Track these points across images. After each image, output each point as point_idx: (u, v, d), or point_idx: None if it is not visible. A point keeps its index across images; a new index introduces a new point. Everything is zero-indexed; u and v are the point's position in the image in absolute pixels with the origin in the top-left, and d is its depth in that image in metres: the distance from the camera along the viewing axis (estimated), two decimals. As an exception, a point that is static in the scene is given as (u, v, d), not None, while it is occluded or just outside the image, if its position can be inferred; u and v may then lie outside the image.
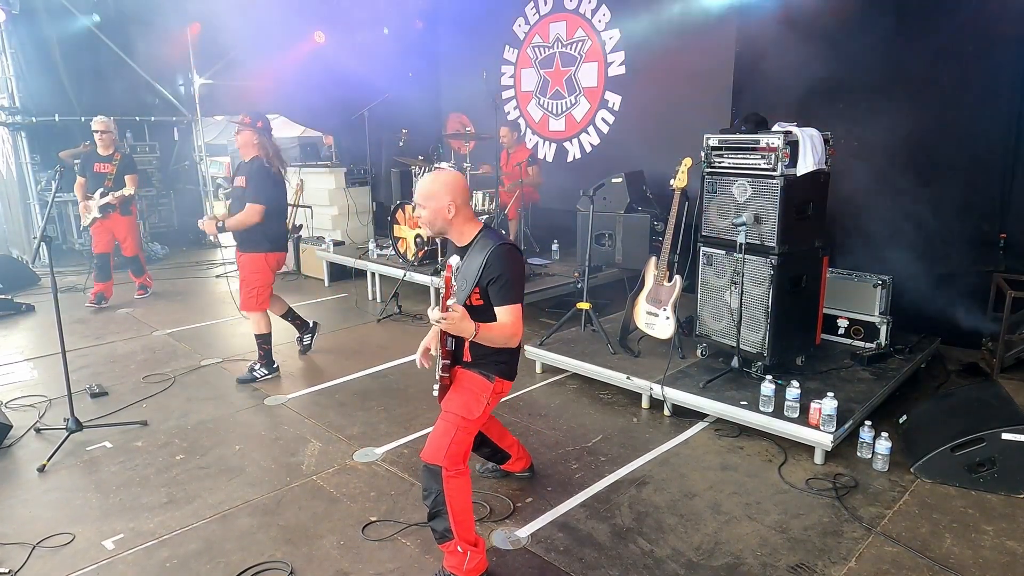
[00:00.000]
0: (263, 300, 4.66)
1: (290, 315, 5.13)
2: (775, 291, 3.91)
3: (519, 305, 2.59)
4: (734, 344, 4.05)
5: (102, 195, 6.31)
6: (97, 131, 6.35)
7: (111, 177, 6.34)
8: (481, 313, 2.58)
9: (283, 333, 5.70)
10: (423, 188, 2.65)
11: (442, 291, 2.38)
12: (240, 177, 4.50)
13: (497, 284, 2.54)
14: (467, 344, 2.64)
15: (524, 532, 2.94)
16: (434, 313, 2.37)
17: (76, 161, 8.35)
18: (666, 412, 4.12)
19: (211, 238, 4.27)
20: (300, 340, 5.35)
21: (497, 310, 2.57)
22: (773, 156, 3.82)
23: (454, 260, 2.42)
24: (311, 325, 5.29)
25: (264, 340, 4.74)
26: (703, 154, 4.20)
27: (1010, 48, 4.66)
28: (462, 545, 2.54)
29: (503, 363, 2.72)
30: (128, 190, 6.29)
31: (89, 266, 8.04)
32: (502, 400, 3.81)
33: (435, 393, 2.69)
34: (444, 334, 2.58)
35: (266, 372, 4.77)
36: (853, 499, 3.19)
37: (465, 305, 2.56)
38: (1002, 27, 4.65)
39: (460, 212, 2.63)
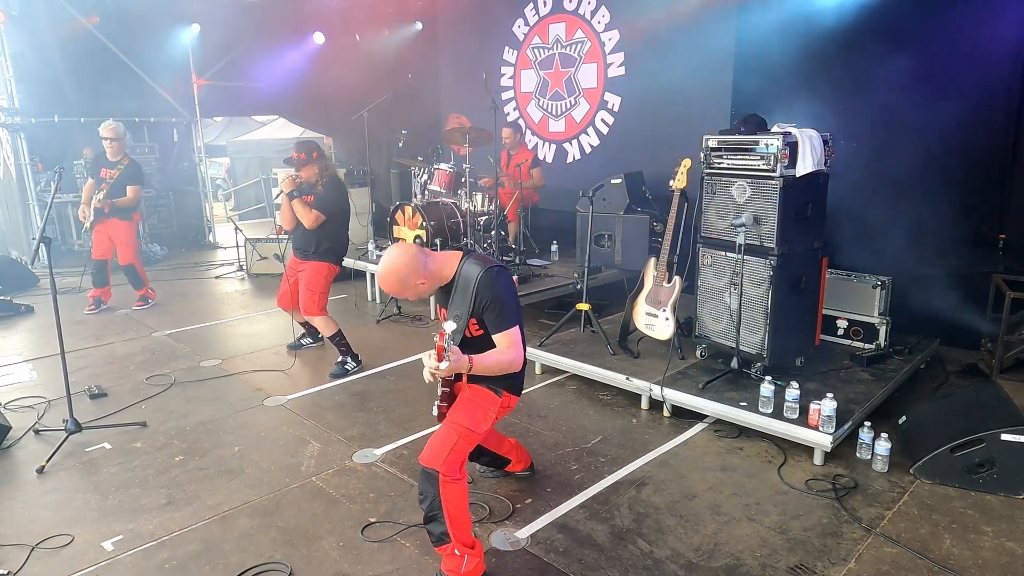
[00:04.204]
0: (323, 305, 4.86)
1: (308, 324, 5.28)
2: (774, 292, 3.91)
3: (516, 328, 2.59)
4: (733, 345, 4.05)
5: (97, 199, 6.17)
6: (105, 138, 6.20)
7: (109, 182, 6.20)
8: (483, 342, 2.60)
9: (282, 335, 5.69)
10: (387, 287, 2.59)
11: (435, 343, 2.30)
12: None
13: (490, 311, 2.55)
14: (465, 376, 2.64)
15: (524, 533, 2.94)
16: (429, 362, 2.35)
17: (78, 162, 8.40)
18: (666, 413, 4.12)
19: (280, 188, 4.58)
20: (300, 338, 5.42)
21: (495, 337, 2.58)
22: (772, 157, 3.82)
23: (448, 326, 2.30)
24: (323, 342, 5.40)
25: (339, 338, 4.87)
26: (702, 155, 4.20)
27: (1008, 49, 4.66)
28: (459, 548, 2.54)
29: (511, 378, 2.74)
30: (124, 199, 6.14)
31: (85, 270, 8.04)
32: (501, 402, 3.76)
33: (435, 413, 2.70)
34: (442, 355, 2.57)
35: (354, 364, 4.90)
36: (853, 500, 3.19)
37: (465, 337, 2.58)
38: (1000, 28, 4.65)
39: (429, 275, 2.58)
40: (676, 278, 4.36)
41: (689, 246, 4.41)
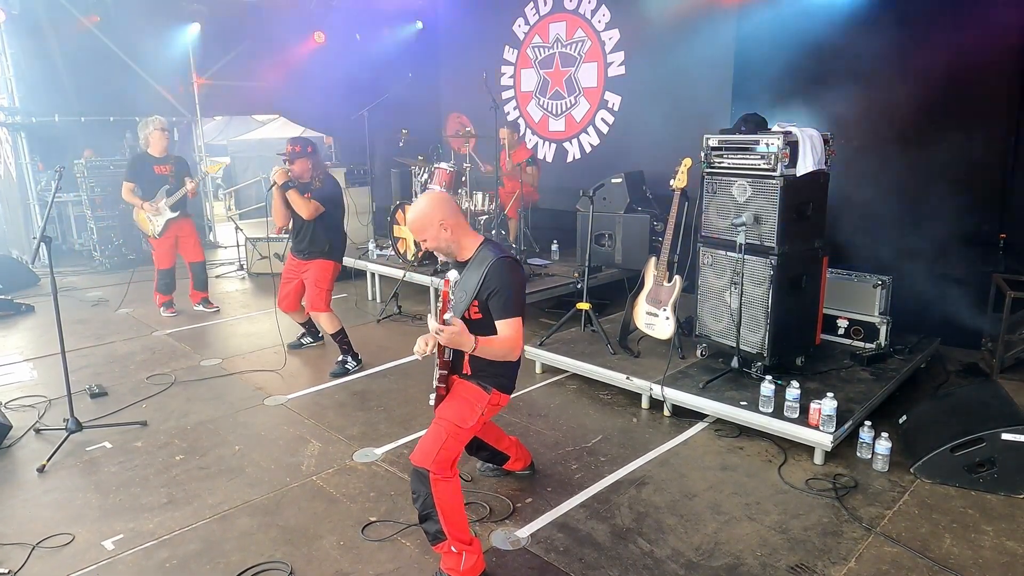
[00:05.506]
0: (328, 301, 4.89)
1: (309, 323, 5.32)
2: (775, 291, 3.91)
3: (519, 319, 2.61)
4: (734, 344, 4.05)
5: (169, 193, 5.95)
6: (162, 129, 5.95)
7: (172, 176, 6.02)
8: (480, 327, 2.59)
9: (283, 334, 5.69)
10: (412, 224, 2.67)
11: (439, 303, 2.39)
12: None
13: (496, 298, 2.56)
14: (467, 357, 2.65)
15: (524, 532, 2.94)
16: (432, 324, 2.40)
17: (78, 161, 8.38)
18: (666, 412, 4.12)
19: (272, 179, 4.62)
20: (301, 337, 5.44)
21: (497, 324, 2.59)
22: (773, 157, 3.82)
23: (452, 275, 2.44)
24: (323, 341, 5.45)
25: (341, 335, 4.90)
26: (703, 154, 4.20)
27: (1010, 46, 4.66)
28: (456, 545, 2.54)
29: (501, 376, 2.74)
30: (191, 185, 5.97)
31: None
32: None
33: (431, 403, 2.71)
34: (442, 345, 2.59)
35: (355, 363, 4.93)
36: (853, 499, 3.19)
37: (464, 318, 2.58)
38: (1002, 25, 4.65)
39: (456, 228, 2.65)
40: (676, 277, 4.37)
41: (689, 245, 4.41)
